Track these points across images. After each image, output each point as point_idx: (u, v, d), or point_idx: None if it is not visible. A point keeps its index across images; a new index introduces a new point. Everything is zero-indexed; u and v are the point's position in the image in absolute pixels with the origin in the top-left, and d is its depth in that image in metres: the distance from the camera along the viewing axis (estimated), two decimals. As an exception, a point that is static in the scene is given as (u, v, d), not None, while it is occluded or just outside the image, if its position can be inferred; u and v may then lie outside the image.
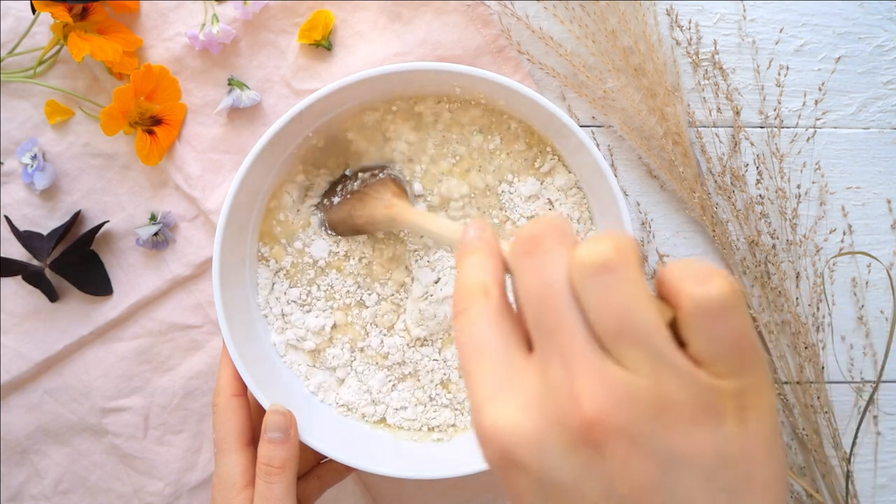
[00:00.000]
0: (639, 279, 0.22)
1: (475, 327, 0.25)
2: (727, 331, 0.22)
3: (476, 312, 0.25)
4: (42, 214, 0.52)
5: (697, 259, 0.20)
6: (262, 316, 0.48)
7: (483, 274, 0.26)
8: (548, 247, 0.23)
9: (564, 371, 0.22)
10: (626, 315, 0.21)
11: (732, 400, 0.22)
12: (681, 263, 0.23)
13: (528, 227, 0.24)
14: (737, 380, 0.22)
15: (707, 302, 0.22)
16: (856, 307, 0.54)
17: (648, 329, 0.21)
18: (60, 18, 0.46)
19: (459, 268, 0.27)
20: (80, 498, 0.53)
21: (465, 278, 0.26)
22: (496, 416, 0.23)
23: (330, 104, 0.44)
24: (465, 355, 0.25)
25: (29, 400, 0.53)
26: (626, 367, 0.21)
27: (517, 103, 0.44)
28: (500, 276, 0.26)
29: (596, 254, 0.22)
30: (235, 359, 0.43)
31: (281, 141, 0.44)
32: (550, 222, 0.24)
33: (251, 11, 0.50)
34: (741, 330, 0.22)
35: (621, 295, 0.22)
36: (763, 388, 0.22)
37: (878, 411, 0.54)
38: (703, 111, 0.53)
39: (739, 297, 0.22)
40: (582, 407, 0.21)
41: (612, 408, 0.21)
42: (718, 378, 0.22)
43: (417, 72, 0.43)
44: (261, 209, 0.47)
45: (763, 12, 0.52)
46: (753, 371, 0.22)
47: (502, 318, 0.25)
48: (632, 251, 0.22)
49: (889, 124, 0.53)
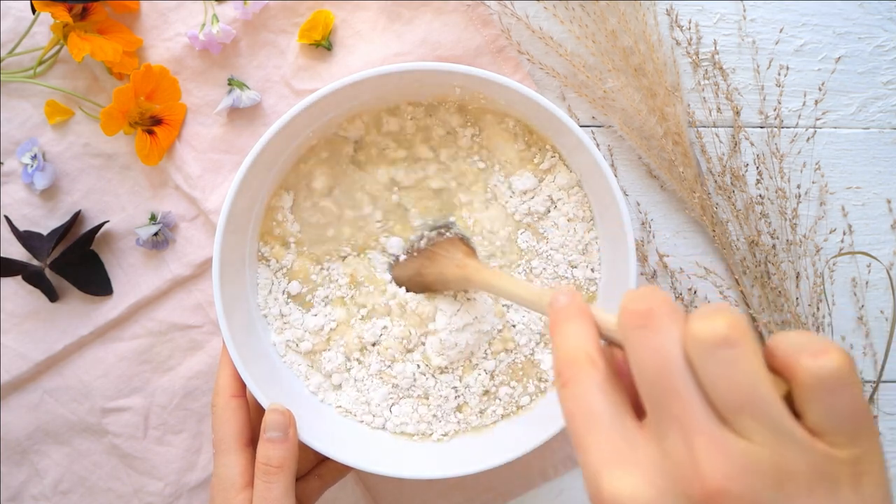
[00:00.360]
0: (757, 354, 0.23)
1: (586, 397, 0.26)
2: (844, 403, 0.23)
3: (586, 382, 0.26)
4: (42, 214, 0.52)
5: (807, 332, 0.22)
6: (262, 316, 0.48)
7: (585, 343, 0.27)
8: (661, 321, 0.24)
9: (684, 441, 0.23)
10: (748, 389, 0.22)
11: (848, 467, 0.23)
12: (793, 336, 0.24)
13: (635, 299, 0.25)
14: (853, 448, 0.23)
15: (824, 376, 0.23)
16: (856, 307, 0.54)
17: (769, 402, 0.22)
18: (60, 18, 0.46)
19: (557, 336, 0.28)
20: (80, 498, 0.53)
21: (568, 348, 0.27)
22: (617, 485, 0.24)
23: (330, 104, 0.44)
24: (577, 425, 0.26)
25: (29, 400, 0.53)
26: (746, 438, 0.22)
27: (517, 103, 0.44)
28: (599, 343, 0.27)
29: (713, 330, 0.23)
30: (235, 358, 0.42)
31: (281, 141, 0.44)
32: (659, 295, 0.25)
33: (251, 11, 0.50)
34: (857, 402, 0.23)
35: (742, 370, 0.23)
36: (876, 455, 0.23)
37: (878, 411, 0.54)
38: (703, 111, 0.53)
39: (853, 369, 0.23)
40: (704, 476, 0.22)
41: (735, 477, 0.22)
42: (835, 448, 0.23)
43: (417, 72, 0.43)
44: (261, 209, 0.47)
45: (763, 12, 0.52)
46: (868, 439, 0.23)
47: (612, 388, 0.26)
48: (746, 326, 0.23)
49: (889, 124, 0.53)
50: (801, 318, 0.52)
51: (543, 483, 0.53)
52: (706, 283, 0.53)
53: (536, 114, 0.44)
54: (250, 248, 0.47)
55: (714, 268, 0.53)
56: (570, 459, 0.53)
